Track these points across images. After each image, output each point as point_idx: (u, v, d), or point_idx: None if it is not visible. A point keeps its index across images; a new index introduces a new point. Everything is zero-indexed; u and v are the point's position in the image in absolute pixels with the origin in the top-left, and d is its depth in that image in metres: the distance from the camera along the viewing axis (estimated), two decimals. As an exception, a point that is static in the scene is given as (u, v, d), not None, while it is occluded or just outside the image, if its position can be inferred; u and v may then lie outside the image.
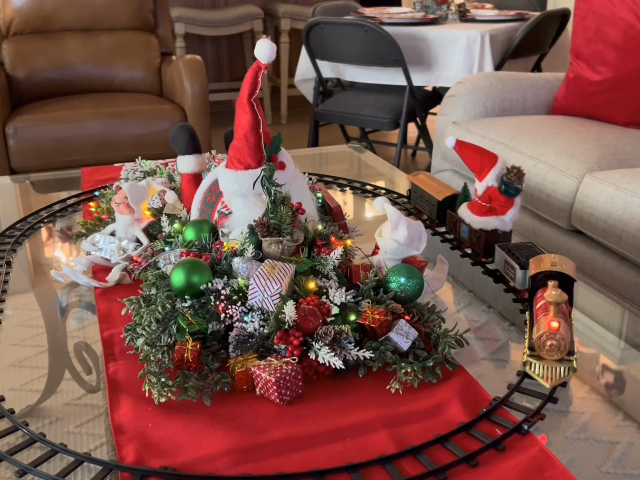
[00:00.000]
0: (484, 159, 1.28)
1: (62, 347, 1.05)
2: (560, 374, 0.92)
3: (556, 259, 1.06)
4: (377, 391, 0.92)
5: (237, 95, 4.10)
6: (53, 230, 1.51)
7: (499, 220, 1.26)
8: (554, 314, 0.92)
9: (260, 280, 0.97)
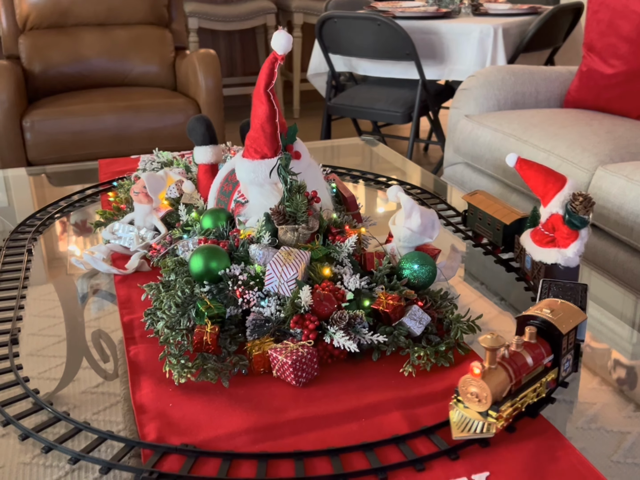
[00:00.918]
0: (548, 182, 1.11)
1: (81, 336, 1.08)
2: (475, 429, 0.79)
3: (561, 306, 0.90)
4: (390, 374, 0.94)
5: (250, 89, 4.12)
6: (72, 220, 1.54)
7: (560, 253, 1.07)
8: (488, 359, 0.79)
9: (277, 266, 1.00)
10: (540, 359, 0.84)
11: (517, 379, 0.81)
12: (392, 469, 0.77)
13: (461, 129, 2.41)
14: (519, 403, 0.82)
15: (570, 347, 0.88)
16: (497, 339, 0.78)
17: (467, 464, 0.78)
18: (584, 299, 0.99)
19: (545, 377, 0.85)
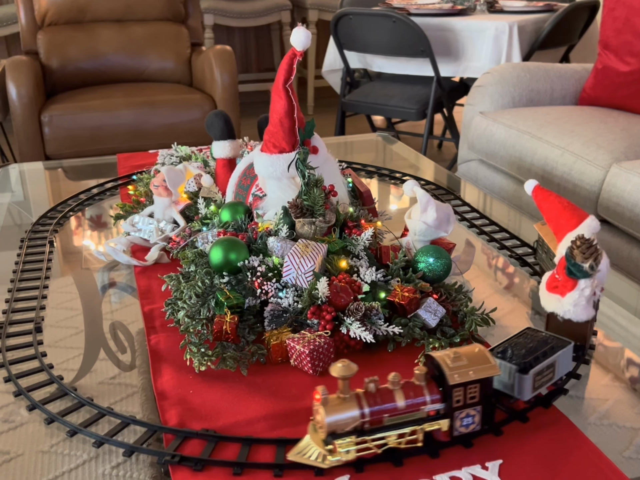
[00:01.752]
0: (561, 217, 0.99)
1: (100, 327, 1.10)
2: (310, 455, 0.76)
3: (474, 354, 0.80)
4: (405, 365, 0.96)
5: (265, 86, 4.15)
6: (92, 213, 1.57)
7: (560, 302, 0.94)
8: (340, 388, 0.76)
9: (295, 258, 1.02)
10: (420, 404, 0.77)
11: (373, 417, 0.75)
12: (407, 455, 0.79)
13: (476, 126, 2.42)
14: (371, 443, 0.76)
15: (473, 402, 0.78)
16: (348, 368, 0.75)
17: (481, 452, 0.79)
18: (564, 360, 0.87)
19: (426, 425, 0.78)
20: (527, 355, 0.85)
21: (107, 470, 0.79)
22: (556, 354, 0.86)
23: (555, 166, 2.04)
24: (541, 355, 0.85)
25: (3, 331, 1.06)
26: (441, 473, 0.76)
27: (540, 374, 0.84)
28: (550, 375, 0.86)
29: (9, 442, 0.83)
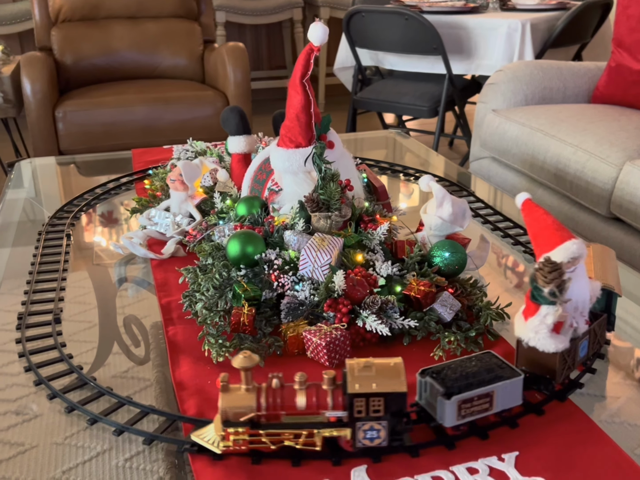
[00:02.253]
0: (543, 236, 0.88)
1: (117, 320, 1.11)
2: (208, 438, 0.78)
3: (389, 367, 0.77)
4: (421, 358, 0.96)
5: (276, 84, 4.15)
6: (108, 207, 1.58)
7: (522, 326, 0.86)
8: (242, 378, 0.76)
9: (311, 252, 1.03)
10: (322, 407, 0.76)
11: (270, 412, 0.76)
12: (423, 447, 0.79)
13: (488, 124, 2.42)
14: (265, 438, 0.77)
15: (377, 416, 0.76)
16: (249, 359, 0.75)
17: (497, 443, 0.80)
18: (509, 392, 0.80)
19: (326, 431, 0.76)
20: (459, 380, 0.79)
21: (120, 462, 0.79)
22: (495, 385, 0.79)
23: (568, 164, 2.04)
24: (476, 383, 0.79)
25: (23, 322, 1.07)
26: (458, 464, 0.77)
27: (469, 402, 0.78)
28: (486, 405, 0.80)
29: (23, 434, 0.84)
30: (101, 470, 0.78)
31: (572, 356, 0.88)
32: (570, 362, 0.88)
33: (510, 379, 0.80)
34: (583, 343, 0.90)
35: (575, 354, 0.89)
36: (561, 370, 0.87)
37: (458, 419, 0.78)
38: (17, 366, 0.98)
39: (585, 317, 0.87)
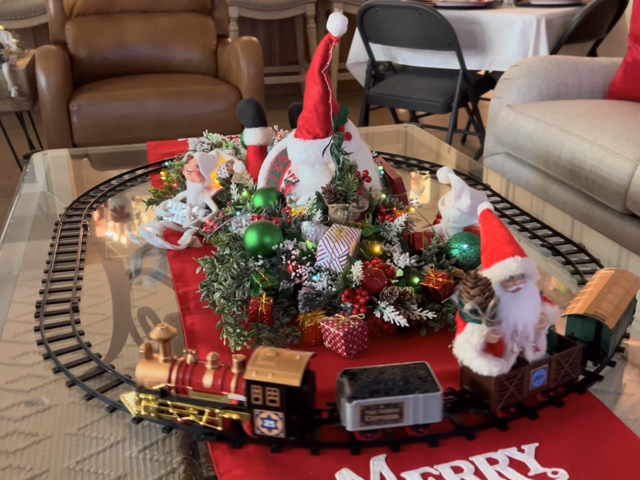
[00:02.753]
0: (487, 249, 0.82)
1: (133, 310, 1.11)
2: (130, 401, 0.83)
3: (295, 359, 0.77)
4: (439, 349, 0.96)
5: (289, 79, 4.14)
6: (124, 198, 1.59)
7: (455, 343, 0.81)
8: (160, 349, 0.80)
9: (329, 243, 1.02)
10: (225, 389, 0.78)
11: (178, 385, 0.79)
12: (443, 437, 0.79)
13: (503, 119, 2.41)
14: (173, 409, 0.79)
15: (274, 406, 0.76)
16: (166, 331, 0.78)
17: (516, 435, 0.80)
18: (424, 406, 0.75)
19: (226, 412, 0.78)
20: (369, 385, 0.76)
21: (134, 453, 0.79)
22: (406, 397, 0.75)
23: (584, 159, 2.02)
24: (384, 391, 0.76)
25: (41, 310, 1.07)
26: (477, 454, 0.77)
27: (375, 409, 0.75)
28: (395, 416, 0.76)
29: (37, 424, 0.85)
30: (115, 460, 0.78)
31: (517, 384, 0.80)
32: (514, 390, 0.80)
33: (424, 394, 0.75)
34: (538, 372, 0.81)
35: (523, 383, 0.80)
36: (498, 397, 0.79)
37: (361, 424, 0.76)
38: (34, 356, 0.98)
39: (532, 343, 0.79)
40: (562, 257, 1.24)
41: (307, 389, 0.76)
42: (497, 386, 0.78)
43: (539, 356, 0.80)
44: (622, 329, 0.95)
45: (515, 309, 0.77)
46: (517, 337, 0.78)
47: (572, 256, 1.24)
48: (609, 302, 0.91)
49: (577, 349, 0.83)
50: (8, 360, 0.98)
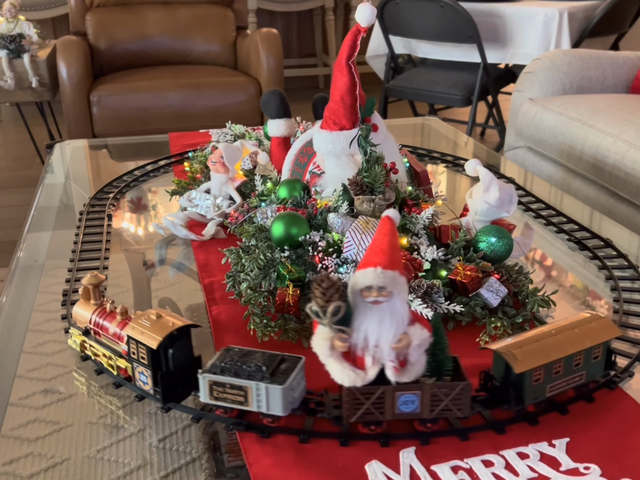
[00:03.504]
0: (367, 253, 0.77)
1: (156, 300, 1.12)
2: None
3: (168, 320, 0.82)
4: (466, 343, 0.96)
5: (306, 72, 4.13)
6: (147, 189, 1.59)
7: None
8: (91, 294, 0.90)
9: (356, 234, 1.02)
10: (120, 339, 0.85)
11: (96, 327, 0.89)
12: (472, 430, 0.79)
13: (524, 113, 2.39)
14: (89, 349, 0.91)
15: (143, 363, 0.81)
16: (96, 277, 0.90)
17: (547, 430, 0.79)
18: (269, 396, 0.74)
19: (117, 359, 0.86)
20: (227, 364, 0.77)
21: (154, 443, 0.80)
22: (249, 382, 0.76)
23: (607, 154, 2.00)
24: (233, 371, 0.76)
25: (68, 298, 1.08)
26: (507, 449, 0.76)
27: (222, 386, 0.77)
28: (241, 399, 0.77)
29: (58, 413, 0.85)
30: (135, 449, 0.79)
31: (377, 403, 0.75)
32: (373, 407, 0.75)
33: (267, 384, 0.75)
34: (406, 396, 0.75)
35: (385, 403, 0.75)
36: (352, 409, 0.75)
37: (210, 398, 0.78)
38: (58, 345, 0.99)
39: (392, 363, 0.73)
40: (589, 252, 1.23)
41: (175, 354, 0.81)
42: (349, 397, 0.75)
43: (405, 379, 0.73)
44: (560, 379, 0.81)
45: (369, 320, 0.73)
46: (368, 350, 0.73)
47: (599, 251, 1.22)
48: (543, 345, 0.80)
49: (461, 384, 0.75)
50: (33, 349, 0.98)
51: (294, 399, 0.77)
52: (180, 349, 0.82)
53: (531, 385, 0.78)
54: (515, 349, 0.78)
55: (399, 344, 0.72)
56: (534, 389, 0.78)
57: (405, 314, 0.73)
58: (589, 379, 0.82)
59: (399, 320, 0.73)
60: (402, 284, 0.73)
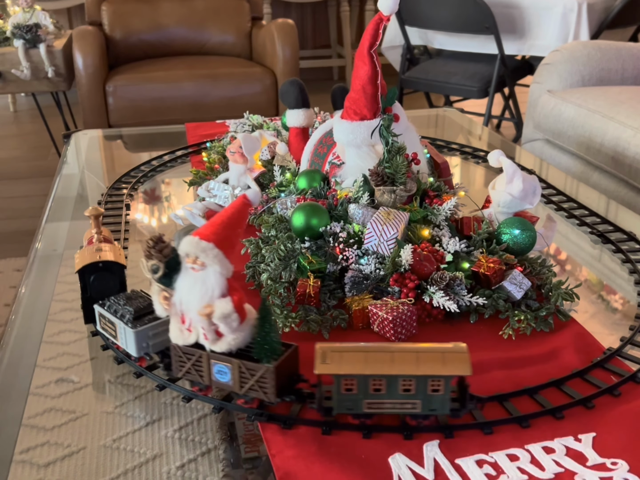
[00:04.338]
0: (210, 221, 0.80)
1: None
2: None
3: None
4: (489, 336, 0.95)
5: (321, 63, 4.09)
6: (165, 179, 1.59)
7: None
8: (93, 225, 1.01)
9: (377, 225, 1.01)
10: None
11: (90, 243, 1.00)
12: (497, 424, 0.78)
13: (543, 105, 2.36)
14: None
15: None
16: (95, 209, 1.00)
17: (572, 424, 0.78)
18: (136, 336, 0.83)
19: None
20: (117, 302, 0.88)
21: (169, 433, 0.80)
22: (118, 320, 0.86)
23: (628, 147, 1.98)
24: (114, 310, 0.88)
25: (87, 288, 1.08)
26: (532, 443, 0.75)
27: (104, 319, 0.90)
28: (113, 333, 0.88)
29: (74, 402, 0.85)
30: (150, 440, 0.79)
31: (196, 365, 0.80)
32: (193, 368, 0.80)
33: (125, 325, 0.86)
34: (219, 366, 0.78)
35: (203, 367, 0.79)
36: (177, 366, 0.81)
37: (100, 327, 0.92)
38: (74, 335, 0.99)
39: (203, 330, 0.76)
40: (612, 245, 1.21)
41: (95, 283, 0.95)
42: (174, 354, 0.81)
43: (216, 348, 0.77)
44: (384, 399, 0.76)
45: (183, 285, 0.77)
46: (180, 312, 0.78)
47: (622, 244, 1.21)
48: (367, 357, 0.75)
49: (263, 368, 0.75)
50: (52, 338, 0.98)
51: (148, 345, 0.86)
52: (103, 280, 0.95)
53: (340, 394, 0.75)
54: (334, 352, 0.75)
55: (201, 311, 0.75)
56: (345, 398, 0.75)
57: (216, 286, 0.75)
58: (427, 411, 0.75)
59: (209, 290, 0.75)
60: (217, 257, 0.75)
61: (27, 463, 0.76)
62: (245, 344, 0.77)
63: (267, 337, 0.75)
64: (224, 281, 0.76)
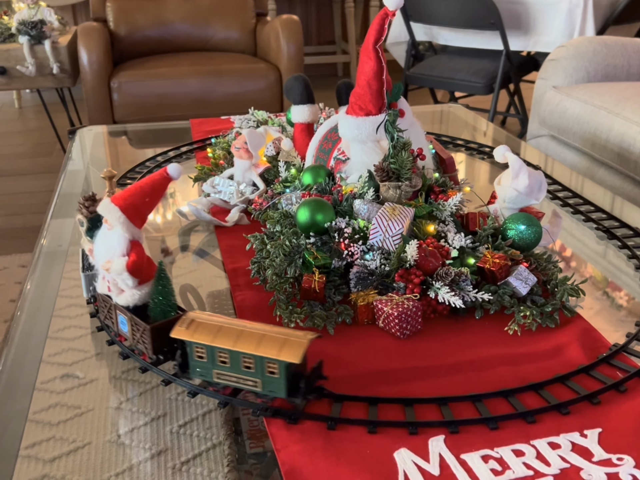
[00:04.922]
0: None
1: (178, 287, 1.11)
2: None
3: None
4: (494, 332, 0.95)
5: (325, 59, 4.08)
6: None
7: None
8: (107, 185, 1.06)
9: (383, 221, 1.01)
10: None
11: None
12: (502, 419, 0.78)
13: (548, 101, 2.35)
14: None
15: None
16: (109, 172, 1.06)
17: (578, 419, 0.78)
18: None
19: None
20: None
21: (174, 429, 0.80)
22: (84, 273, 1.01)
23: (633, 143, 1.97)
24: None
25: (93, 283, 1.08)
26: (538, 438, 0.75)
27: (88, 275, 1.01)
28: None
29: (79, 397, 0.85)
30: (156, 435, 0.79)
31: (108, 313, 0.93)
32: (108, 315, 0.93)
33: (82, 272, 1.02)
34: (121, 317, 0.90)
35: (114, 317, 0.91)
36: (103, 312, 0.94)
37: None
38: (80, 330, 0.99)
39: (107, 283, 0.89)
40: (617, 241, 1.21)
41: None
42: (99, 301, 0.93)
43: (119, 301, 0.88)
44: (230, 372, 0.80)
45: (97, 240, 0.90)
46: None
47: (628, 240, 1.20)
48: (221, 330, 0.79)
49: (143, 325, 0.85)
50: (57, 334, 0.99)
51: (94, 287, 0.94)
52: None
53: (194, 359, 0.81)
54: (197, 320, 0.80)
55: (103, 265, 0.87)
56: (198, 365, 0.81)
57: (118, 246, 0.86)
58: (267, 392, 0.78)
59: (111, 248, 0.87)
60: (120, 220, 0.85)
61: (33, 458, 0.76)
62: (145, 301, 0.87)
63: (155, 299, 0.85)
64: (127, 243, 0.86)
